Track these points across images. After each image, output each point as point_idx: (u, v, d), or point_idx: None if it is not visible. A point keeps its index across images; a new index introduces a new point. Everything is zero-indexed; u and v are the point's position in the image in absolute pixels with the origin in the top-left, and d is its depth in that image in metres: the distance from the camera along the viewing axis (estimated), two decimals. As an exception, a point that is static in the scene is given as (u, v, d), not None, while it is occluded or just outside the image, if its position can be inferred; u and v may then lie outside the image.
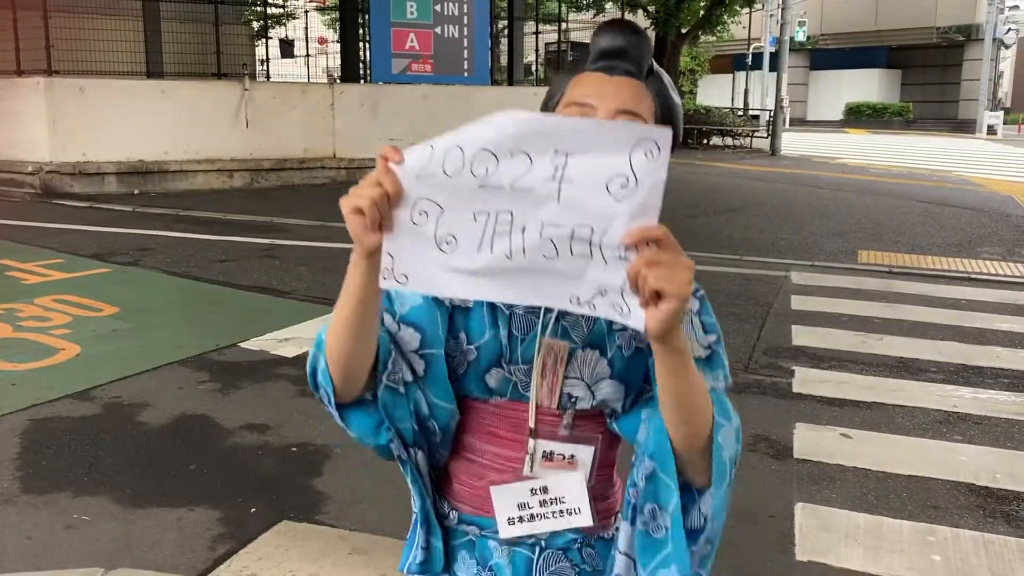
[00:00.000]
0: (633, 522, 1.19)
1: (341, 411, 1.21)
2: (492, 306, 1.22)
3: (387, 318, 1.22)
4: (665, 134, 0.92)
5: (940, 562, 3.06)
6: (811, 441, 4.07)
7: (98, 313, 5.94)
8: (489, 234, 0.97)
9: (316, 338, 1.18)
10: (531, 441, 1.24)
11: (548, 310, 1.22)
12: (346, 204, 1.00)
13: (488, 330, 1.22)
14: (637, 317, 0.95)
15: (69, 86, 11.90)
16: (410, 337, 1.22)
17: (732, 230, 10.15)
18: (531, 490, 1.25)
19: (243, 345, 5.29)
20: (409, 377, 1.21)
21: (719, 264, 8.14)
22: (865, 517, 3.35)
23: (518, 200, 0.95)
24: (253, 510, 3.29)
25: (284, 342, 5.38)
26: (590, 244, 0.95)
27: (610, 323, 1.20)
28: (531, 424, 1.23)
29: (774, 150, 22.45)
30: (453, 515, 1.30)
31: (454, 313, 1.24)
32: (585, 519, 1.25)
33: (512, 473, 1.25)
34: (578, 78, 1.19)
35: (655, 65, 1.21)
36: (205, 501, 3.36)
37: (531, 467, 1.24)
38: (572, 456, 1.25)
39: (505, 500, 1.25)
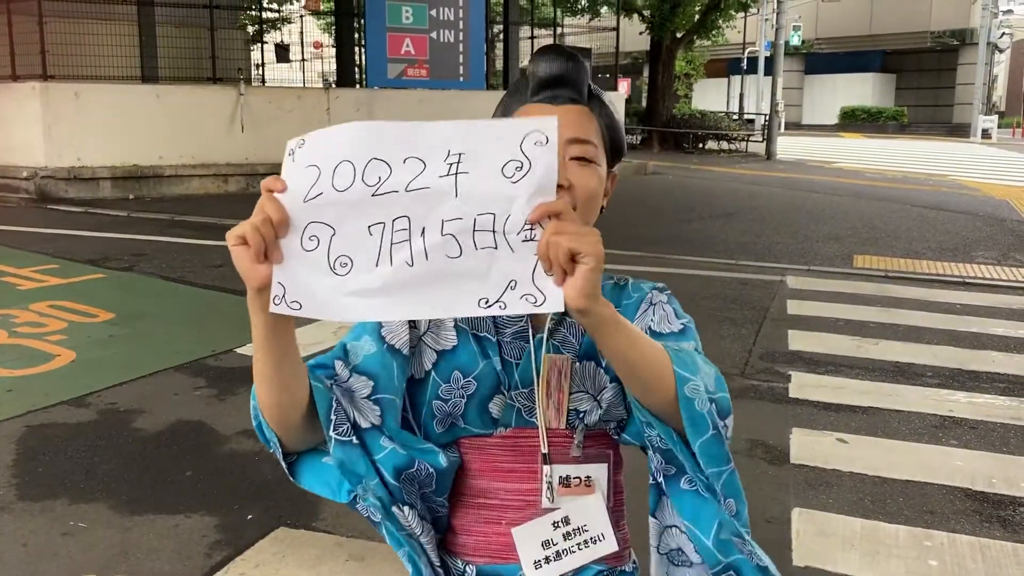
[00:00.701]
0: (673, 490, 1.16)
1: (293, 467, 1.16)
2: (478, 337, 1.21)
3: (339, 367, 1.19)
4: (550, 124, 0.93)
5: (937, 567, 3.06)
6: (807, 446, 4.07)
7: (93, 319, 5.93)
8: (387, 246, 0.94)
9: (252, 390, 1.15)
10: (546, 468, 1.19)
11: (536, 332, 1.21)
12: (230, 236, 0.97)
13: (480, 360, 1.20)
14: (553, 298, 0.93)
15: (64, 91, 11.89)
16: (361, 384, 1.18)
17: (728, 234, 10.17)
18: (553, 523, 1.20)
19: (239, 351, 5.28)
20: (365, 424, 1.15)
21: (715, 268, 8.15)
22: (862, 522, 3.35)
23: (415, 203, 0.93)
24: (250, 517, 3.28)
25: (280, 347, 5.37)
26: (493, 232, 0.93)
27: None
28: (543, 449, 1.19)
29: (769, 154, 22.50)
30: (471, 570, 1.23)
31: (439, 360, 1.20)
32: (610, 545, 1.21)
33: (531, 508, 1.20)
34: (522, 110, 1.20)
35: (593, 88, 1.23)
36: (202, 508, 3.35)
37: (550, 497, 1.19)
38: (589, 477, 1.21)
39: (529, 541, 1.19)
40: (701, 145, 25.10)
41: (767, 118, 23.86)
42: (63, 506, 3.33)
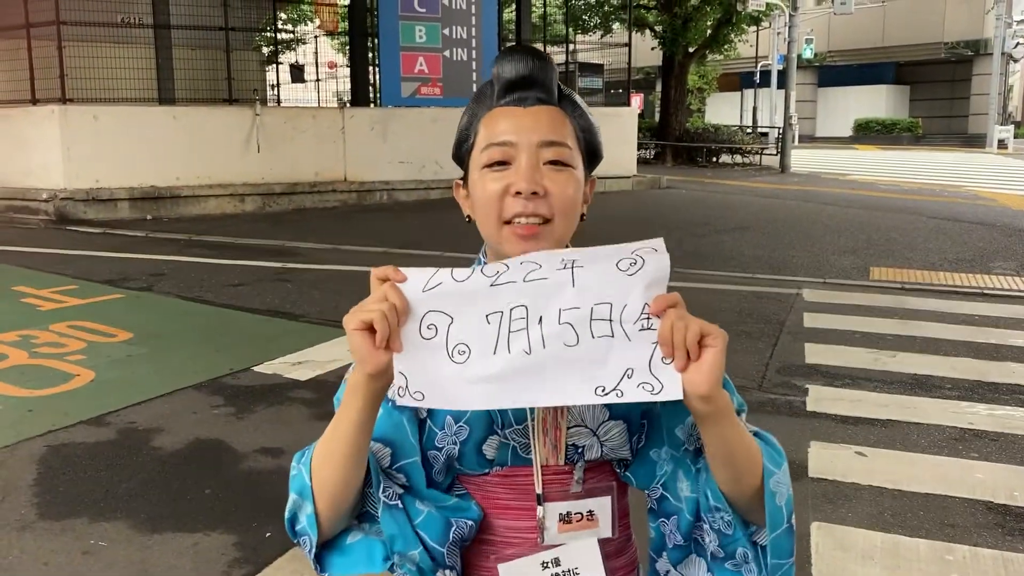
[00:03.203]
0: (717, 567, 1.14)
1: (319, 556, 1.10)
2: None
3: None
4: (659, 242, 0.96)
5: (959, 581, 3.03)
6: (826, 459, 4.05)
7: (112, 339, 5.98)
8: (504, 334, 0.96)
9: (295, 481, 1.10)
10: (540, 508, 1.14)
11: None
12: (352, 320, 0.96)
13: None
14: (671, 386, 0.95)
15: (83, 114, 12.04)
16: (381, 453, 1.13)
17: (743, 248, 10.14)
18: (542, 564, 1.15)
19: (257, 369, 5.31)
20: (400, 491, 1.12)
21: (730, 282, 8.13)
22: (882, 536, 3.33)
23: (532, 293, 0.96)
24: (268, 534, 3.30)
25: (298, 365, 5.40)
26: (610, 321, 0.95)
27: None
28: (538, 489, 1.15)
29: (783, 167, 22.45)
30: None
31: (432, 408, 1.14)
32: None
33: (529, 545, 1.15)
34: (490, 115, 1.14)
35: (563, 87, 1.17)
36: (221, 526, 3.37)
37: (541, 539, 1.15)
38: (591, 512, 1.17)
39: None
40: (715, 159, 25.09)
41: (781, 131, 23.83)
42: (83, 525, 3.35)
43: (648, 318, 0.94)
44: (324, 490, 1.06)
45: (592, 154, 1.19)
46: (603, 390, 0.95)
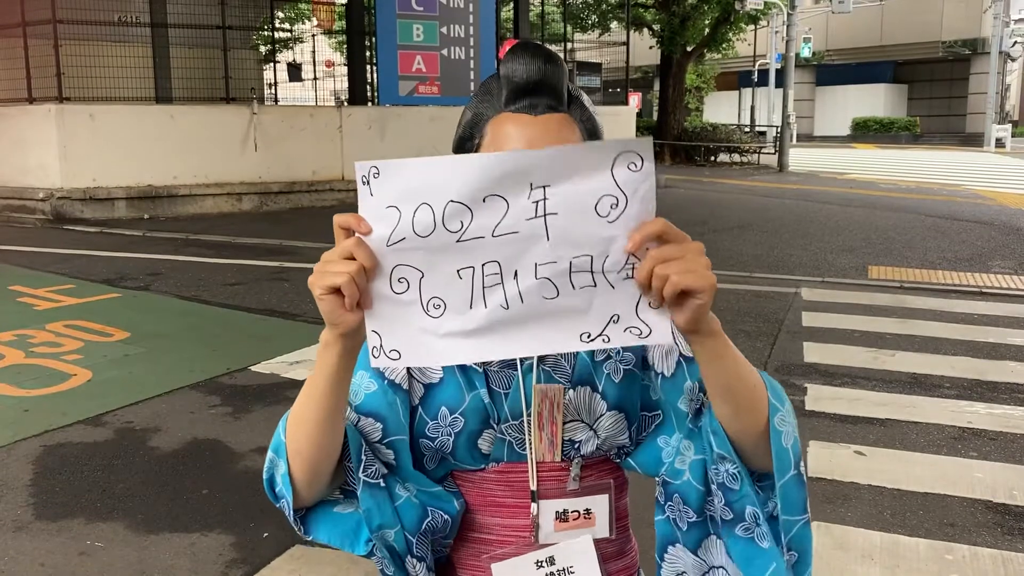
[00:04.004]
0: (727, 533, 1.09)
1: (304, 520, 1.09)
2: (464, 368, 1.13)
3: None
4: (645, 144, 0.87)
5: (959, 581, 3.03)
6: (825, 459, 4.04)
7: (109, 338, 5.96)
8: (479, 289, 0.90)
9: (274, 441, 1.07)
10: (534, 505, 1.12)
11: (525, 359, 1.13)
12: (318, 283, 0.91)
13: (467, 394, 1.12)
14: (659, 330, 0.90)
15: (79, 113, 12.02)
16: (371, 428, 1.11)
17: (741, 247, 10.14)
18: (536, 562, 1.12)
19: (254, 368, 5.30)
20: (385, 470, 1.10)
21: (729, 281, 8.12)
22: (881, 535, 3.32)
23: (503, 247, 0.88)
24: (265, 534, 3.28)
25: (295, 365, 5.39)
26: (591, 272, 0.89)
27: (592, 353, 1.13)
28: (532, 486, 1.12)
29: (782, 166, 22.45)
30: None
31: (425, 394, 1.13)
32: None
33: (525, 543, 1.13)
34: (497, 119, 1.09)
35: (572, 88, 1.13)
36: (218, 526, 3.35)
37: (536, 537, 1.13)
38: (588, 510, 1.14)
39: None
40: (713, 158, 25.09)
41: (779, 130, 23.83)
42: (80, 525, 3.34)
43: (632, 267, 0.88)
44: (298, 450, 1.03)
45: None
46: (588, 336, 0.91)
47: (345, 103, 15.30)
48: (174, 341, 5.98)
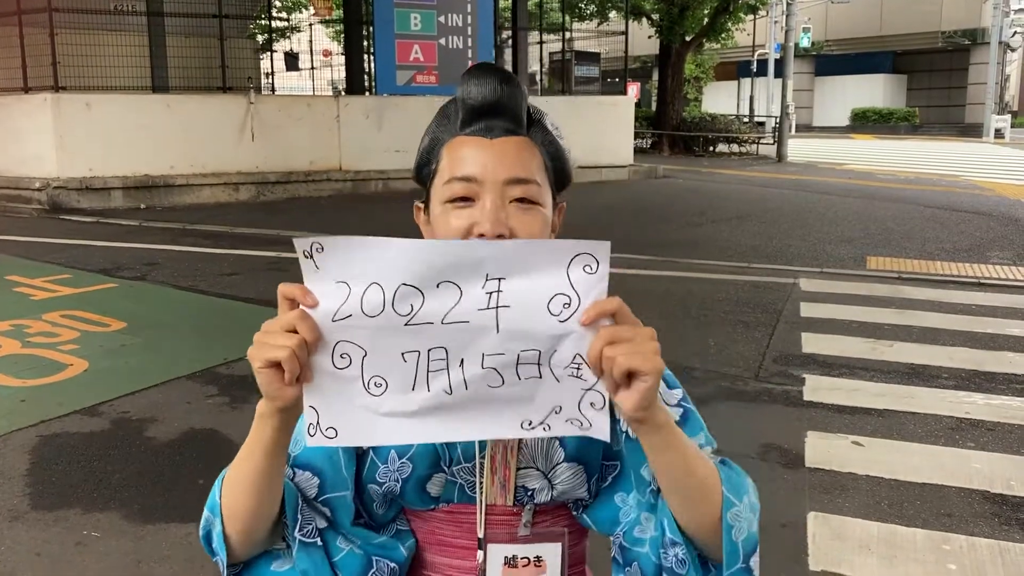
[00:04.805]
0: None
1: (241, 575, 1.03)
2: None
3: None
4: (602, 248, 0.85)
5: (956, 571, 3.03)
6: (823, 449, 4.04)
7: (106, 328, 5.95)
8: (423, 372, 0.88)
9: (209, 500, 1.02)
10: (480, 552, 1.08)
11: None
12: (258, 356, 0.87)
13: None
14: (599, 426, 0.89)
15: (75, 102, 11.97)
16: (307, 483, 1.05)
17: (740, 237, 10.13)
18: None
19: (251, 358, 5.28)
20: (322, 524, 1.04)
21: (727, 272, 8.11)
22: (879, 526, 3.32)
23: (452, 334, 0.87)
24: (262, 525, 3.27)
25: (292, 355, 5.37)
26: (539, 365, 0.88)
27: None
28: (480, 533, 1.08)
29: (780, 156, 22.42)
30: None
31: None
32: None
33: None
34: (453, 144, 1.05)
35: (532, 109, 1.09)
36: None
37: None
38: (539, 557, 1.09)
39: None
40: (711, 148, 25.04)
41: (778, 120, 23.79)
42: (76, 515, 3.33)
43: (579, 368, 0.87)
44: (233, 513, 0.99)
45: (561, 181, 1.12)
46: (529, 424, 0.90)
47: (342, 92, 15.25)
48: (171, 331, 5.97)
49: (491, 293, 0.86)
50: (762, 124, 30.45)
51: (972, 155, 24.82)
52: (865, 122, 38.87)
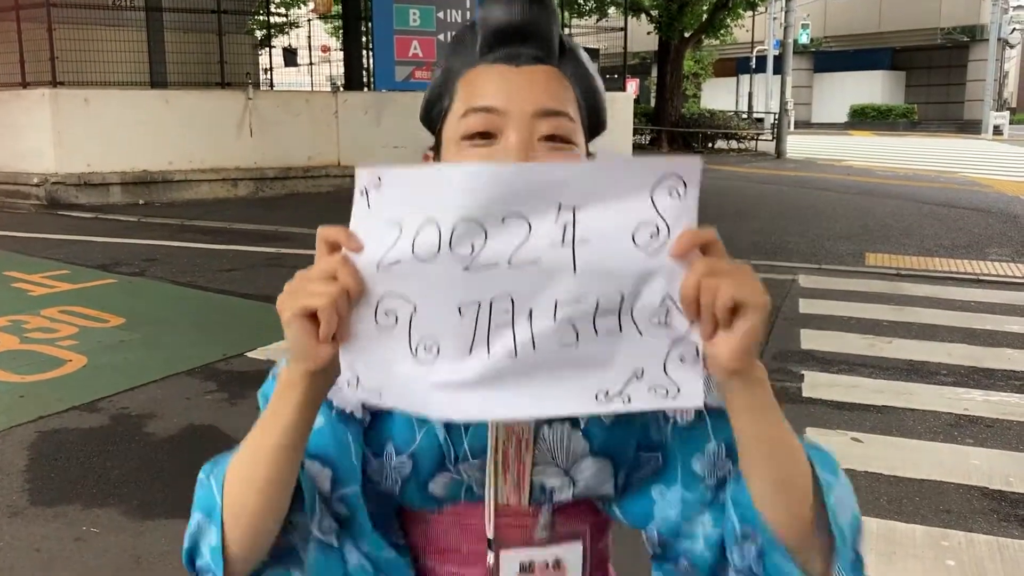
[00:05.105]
0: None
1: None
2: None
3: None
4: (692, 167, 0.73)
5: (955, 567, 3.03)
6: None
7: (104, 324, 5.94)
8: (483, 331, 0.74)
9: (203, 500, 0.86)
10: (490, 554, 0.94)
11: None
12: (290, 304, 0.73)
13: (417, 431, 0.93)
14: (690, 391, 0.74)
15: (73, 97, 11.94)
16: (318, 474, 0.90)
17: (738, 234, 10.12)
18: None
19: (250, 355, 5.28)
20: (336, 525, 0.91)
21: (726, 268, 8.10)
22: (877, 522, 3.32)
23: (520, 279, 0.72)
24: (261, 521, 3.28)
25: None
26: (619, 314, 0.73)
27: None
28: (489, 534, 0.94)
29: (779, 153, 22.42)
30: None
31: (371, 424, 0.93)
32: None
33: None
34: (471, 74, 0.90)
35: (565, 38, 0.94)
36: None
37: None
38: (557, 561, 0.96)
39: None
40: (710, 145, 25.03)
41: (776, 117, 23.78)
42: (76, 511, 3.33)
43: (667, 312, 0.73)
44: (238, 515, 0.82)
45: (595, 123, 0.97)
46: (606, 395, 0.75)
47: (341, 88, 15.23)
48: (169, 327, 5.96)
49: (565, 225, 0.72)
50: (761, 120, 30.44)
51: (971, 152, 24.82)
52: (864, 119, 38.87)
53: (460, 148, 0.89)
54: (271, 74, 19.34)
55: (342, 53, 16.72)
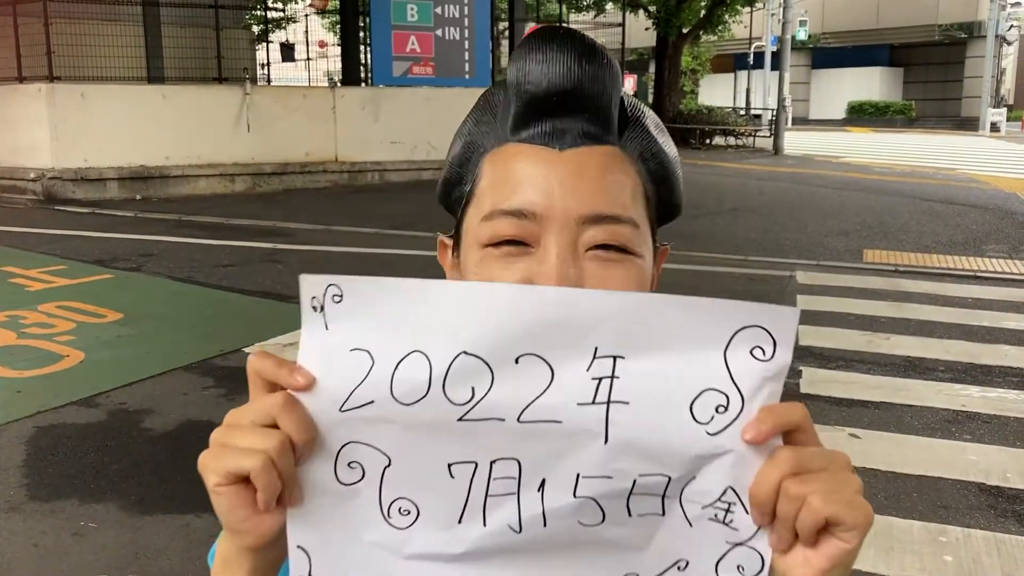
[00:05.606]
0: None
1: None
2: None
3: None
4: (786, 319, 0.55)
5: (952, 563, 3.04)
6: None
7: (101, 319, 5.93)
8: (478, 499, 0.57)
9: None
10: None
11: None
12: (214, 466, 0.56)
13: None
14: None
15: (70, 92, 11.91)
16: None
17: (736, 230, 10.13)
18: None
19: (247, 350, 5.28)
20: None
21: (724, 264, 8.11)
22: (875, 518, 3.32)
23: (532, 441, 0.56)
24: (260, 516, 3.27)
25: (288, 347, 5.36)
26: (663, 498, 0.57)
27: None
28: None
29: (777, 149, 22.44)
30: None
31: None
32: None
33: None
34: (499, 154, 0.70)
35: (628, 102, 0.73)
36: (211, 507, 3.34)
37: None
38: None
39: None
40: (708, 141, 25.03)
41: (774, 113, 23.79)
42: (73, 506, 3.33)
43: (728, 508, 0.56)
44: None
45: (668, 208, 0.77)
46: None
47: (338, 84, 15.20)
48: (167, 322, 5.95)
49: (600, 379, 0.55)
50: (758, 117, 30.42)
51: (968, 148, 24.85)
52: (861, 115, 38.90)
53: (483, 258, 0.69)
54: (268, 69, 19.31)
55: (340, 48, 16.69)
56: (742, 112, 30.64)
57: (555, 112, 0.68)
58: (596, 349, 0.55)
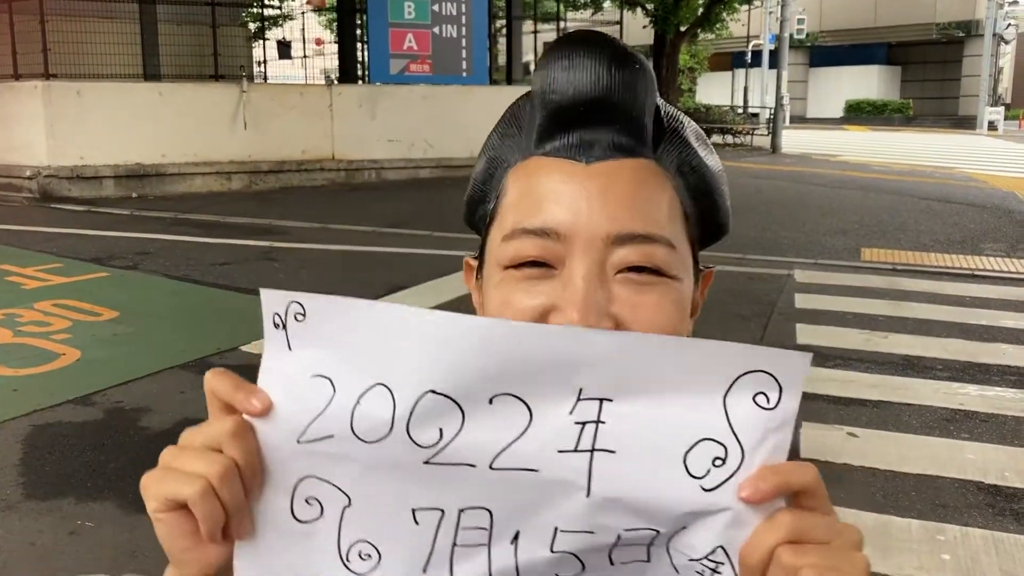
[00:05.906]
0: None
1: None
2: None
3: None
4: (794, 365, 0.51)
5: (950, 561, 3.04)
6: (817, 441, 4.04)
7: (98, 317, 5.91)
8: (445, 546, 0.53)
9: None
10: None
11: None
12: (154, 490, 0.53)
13: None
14: None
15: (66, 89, 11.88)
16: None
17: (734, 228, 9.88)
18: None
19: (244, 348, 5.27)
20: None
21: (722, 263, 8.10)
22: (873, 516, 3.33)
23: (504, 490, 0.51)
24: (257, 515, 3.27)
25: (286, 345, 5.36)
26: (649, 546, 0.52)
27: None
28: None
29: (775, 148, 22.44)
30: None
31: None
32: None
33: None
34: (524, 168, 0.65)
35: (665, 111, 0.67)
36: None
37: None
38: None
39: None
40: (705, 139, 25.04)
41: (772, 111, 23.79)
42: (70, 505, 3.31)
43: (718, 567, 0.51)
44: None
45: (713, 228, 0.72)
46: None
47: (335, 81, 15.18)
48: (163, 321, 5.94)
49: (584, 424, 0.50)
50: (756, 115, 30.43)
51: (966, 147, 24.88)
52: (859, 114, 38.93)
53: (504, 279, 0.64)
54: (265, 67, 19.26)
55: (336, 46, 16.67)
56: (740, 110, 30.64)
57: (583, 122, 0.63)
58: (581, 390, 0.50)
